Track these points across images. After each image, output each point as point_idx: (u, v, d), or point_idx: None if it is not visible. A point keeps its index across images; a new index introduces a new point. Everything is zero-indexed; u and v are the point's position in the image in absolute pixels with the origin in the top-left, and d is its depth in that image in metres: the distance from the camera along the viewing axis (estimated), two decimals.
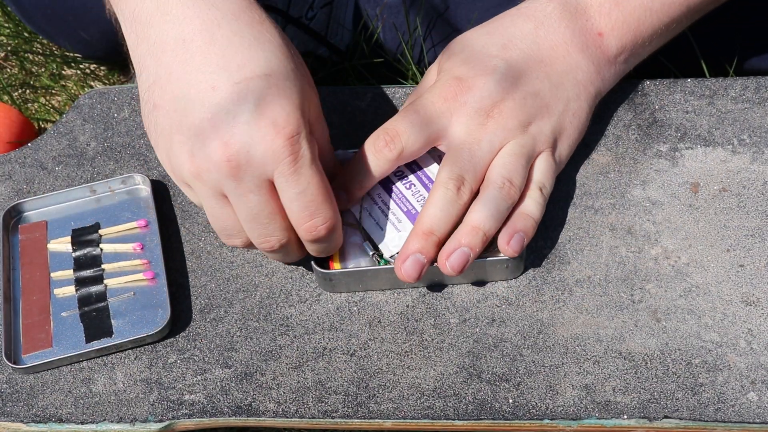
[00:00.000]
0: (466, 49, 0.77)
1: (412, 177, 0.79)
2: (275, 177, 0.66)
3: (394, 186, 0.78)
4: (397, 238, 0.76)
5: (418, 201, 0.77)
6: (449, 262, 0.72)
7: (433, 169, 0.79)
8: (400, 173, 0.79)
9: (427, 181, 0.78)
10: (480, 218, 0.72)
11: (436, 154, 0.81)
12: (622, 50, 0.79)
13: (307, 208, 0.67)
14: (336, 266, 0.76)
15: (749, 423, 0.69)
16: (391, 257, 0.76)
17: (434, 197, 0.73)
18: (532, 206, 0.75)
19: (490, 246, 0.76)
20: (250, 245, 0.72)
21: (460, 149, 0.74)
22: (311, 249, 0.72)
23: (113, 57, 1.13)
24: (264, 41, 0.66)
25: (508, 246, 0.73)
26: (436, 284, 0.77)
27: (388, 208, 0.78)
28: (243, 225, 0.69)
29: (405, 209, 0.77)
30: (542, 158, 0.76)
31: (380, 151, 0.74)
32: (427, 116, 0.74)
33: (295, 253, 0.73)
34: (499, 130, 0.74)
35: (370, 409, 0.72)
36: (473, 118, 0.74)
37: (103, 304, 0.78)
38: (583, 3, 0.78)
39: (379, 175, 0.75)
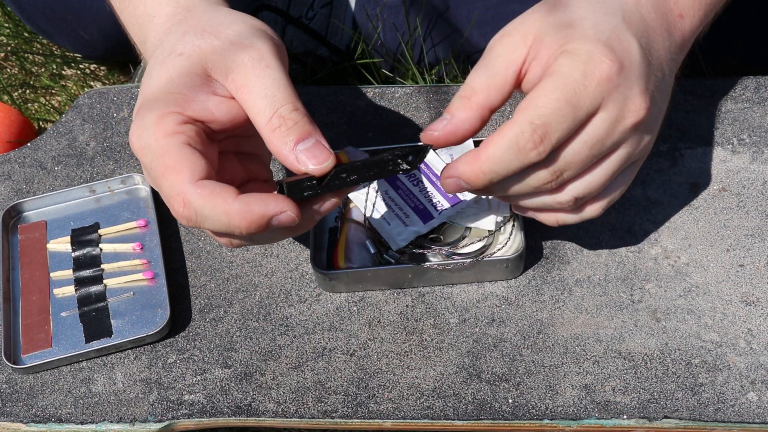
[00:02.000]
0: (585, 22, 0.65)
1: (419, 174, 0.79)
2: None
3: (400, 182, 0.79)
4: (405, 232, 0.76)
5: (425, 197, 0.77)
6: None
7: (438, 166, 0.79)
8: None
9: (433, 178, 0.79)
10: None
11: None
12: (695, 32, 0.71)
13: (159, 191, 0.62)
14: (341, 264, 0.76)
15: (749, 423, 0.69)
16: (397, 251, 0.76)
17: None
18: (573, 219, 0.70)
19: (488, 247, 0.76)
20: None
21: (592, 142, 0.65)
22: (213, 228, 0.63)
23: (113, 56, 1.13)
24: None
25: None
26: (436, 284, 0.77)
27: (396, 204, 0.78)
28: None
29: (412, 205, 0.78)
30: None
31: (524, 151, 0.62)
32: (579, 105, 0.62)
33: (237, 240, 0.66)
34: (633, 138, 0.66)
35: (370, 409, 0.72)
36: (618, 109, 0.64)
37: (102, 304, 0.78)
38: None
39: (512, 173, 0.65)
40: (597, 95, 0.62)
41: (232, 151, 0.67)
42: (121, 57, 1.12)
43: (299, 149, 0.60)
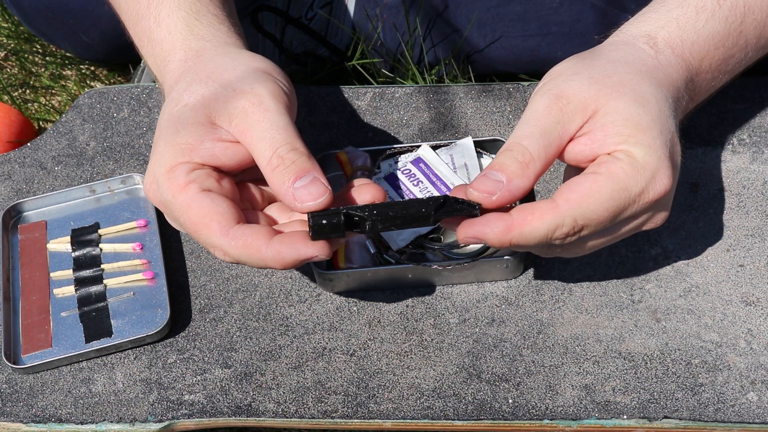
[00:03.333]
0: (654, 125, 0.64)
1: (420, 175, 0.79)
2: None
3: (401, 183, 0.79)
4: (405, 232, 0.76)
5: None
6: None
7: (441, 168, 0.79)
8: (407, 171, 0.79)
9: (434, 179, 0.79)
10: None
11: (442, 156, 0.81)
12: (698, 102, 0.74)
13: (195, 239, 0.65)
14: (341, 264, 0.76)
15: (749, 423, 0.69)
16: (397, 251, 0.76)
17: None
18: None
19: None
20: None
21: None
22: (254, 266, 0.66)
23: (114, 59, 1.14)
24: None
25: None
26: (436, 284, 0.77)
27: None
28: None
29: None
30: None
31: (555, 237, 0.63)
32: (623, 215, 0.64)
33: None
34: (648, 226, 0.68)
35: (370, 409, 0.72)
36: (648, 217, 0.66)
37: (102, 304, 0.78)
38: (699, 66, 0.70)
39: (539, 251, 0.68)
40: (641, 210, 0.64)
41: (249, 180, 0.69)
42: (121, 60, 1.13)
43: (296, 186, 0.62)
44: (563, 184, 0.64)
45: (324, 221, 0.61)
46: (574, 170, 0.67)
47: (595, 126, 0.64)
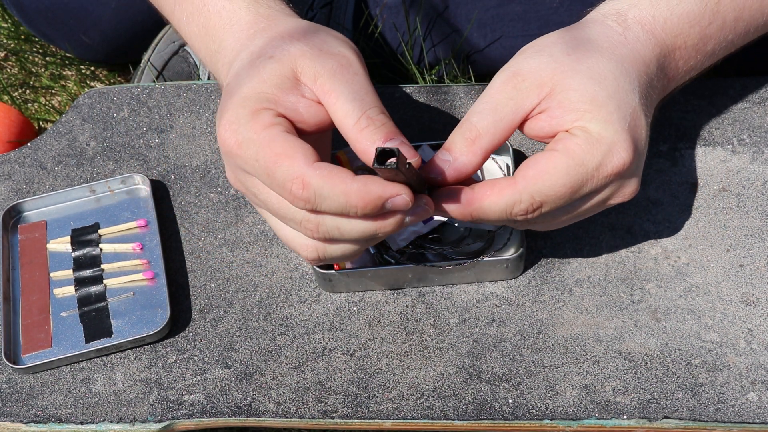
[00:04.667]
0: (611, 101, 0.64)
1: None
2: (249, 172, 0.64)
3: None
4: (405, 232, 0.76)
5: None
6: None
7: None
8: None
9: None
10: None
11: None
12: (678, 82, 0.73)
13: (272, 180, 0.61)
14: (341, 265, 0.76)
15: (749, 423, 0.69)
16: (397, 251, 0.76)
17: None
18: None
19: (489, 247, 0.76)
20: (320, 257, 0.66)
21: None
22: (339, 214, 0.62)
23: (114, 60, 1.14)
24: None
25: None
26: (436, 284, 0.77)
27: None
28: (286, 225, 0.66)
29: None
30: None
31: (514, 214, 0.64)
32: (581, 191, 0.64)
33: (348, 228, 0.62)
34: (614, 200, 0.68)
35: (370, 409, 0.72)
36: (612, 191, 0.66)
37: (102, 304, 0.78)
38: (674, 43, 0.70)
39: (495, 226, 0.71)
40: (602, 185, 0.64)
41: None
42: (121, 60, 1.13)
43: (387, 146, 0.61)
44: (524, 161, 0.65)
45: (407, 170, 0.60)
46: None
47: (553, 103, 0.64)
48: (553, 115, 0.64)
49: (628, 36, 0.68)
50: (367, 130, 0.62)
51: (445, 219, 0.77)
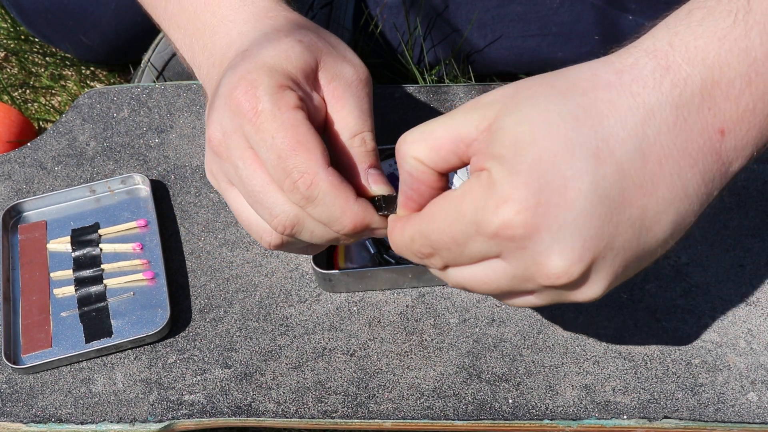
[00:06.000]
0: (535, 147, 0.49)
1: None
2: (248, 140, 0.60)
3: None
4: None
5: None
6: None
7: None
8: None
9: None
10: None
11: None
12: (741, 152, 0.52)
13: (279, 164, 0.58)
14: (341, 264, 0.76)
15: (749, 423, 0.69)
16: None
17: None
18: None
19: None
20: (281, 244, 0.62)
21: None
22: (322, 220, 0.59)
23: (114, 61, 1.14)
24: None
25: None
26: (436, 284, 0.77)
27: None
28: (252, 209, 0.62)
29: None
30: None
31: (422, 259, 0.56)
32: (465, 251, 0.53)
33: (320, 230, 0.60)
34: (557, 293, 0.53)
35: (370, 409, 0.72)
36: (524, 269, 0.51)
37: (102, 304, 0.78)
38: (711, 78, 0.50)
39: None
40: (489, 249, 0.51)
41: None
42: (121, 61, 1.13)
43: (370, 172, 0.62)
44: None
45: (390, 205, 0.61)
46: None
47: (481, 142, 0.52)
48: (477, 154, 0.52)
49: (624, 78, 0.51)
50: (359, 150, 0.62)
51: None
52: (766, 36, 0.50)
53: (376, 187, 0.61)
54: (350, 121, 0.62)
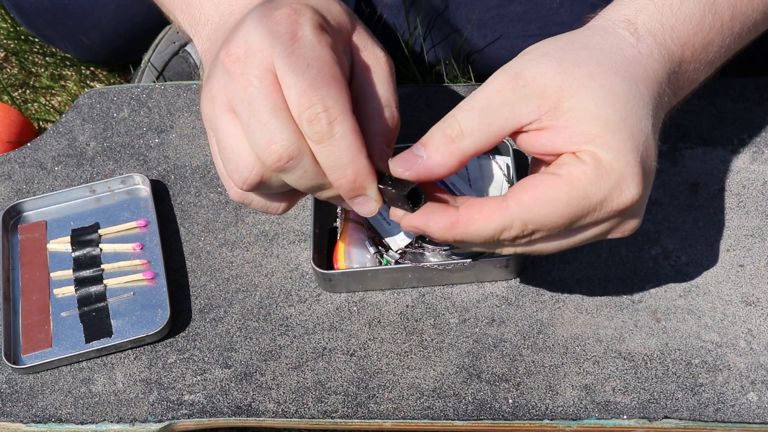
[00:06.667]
0: (624, 126, 0.58)
1: None
2: (275, 62, 0.57)
3: None
4: (405, 232, 0.76)
5: None
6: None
7: None
8: None
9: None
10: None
11: None
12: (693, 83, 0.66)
13: (308, 92, 0.56)
14: (341, 264, 0.76)
15: (749, 423, 0.69)
16: (397, 251, 0.76)
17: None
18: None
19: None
20: (258, 184, 0.60)
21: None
22: (326, 162, 0.58)
23: (114, 61, 1.14)
24: None
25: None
26: (436, 284, 0.77)
27: None
28: (246, 132, 0.58)
29: None
30: None
31: (503, 239, 0.59)
32: (578, 223, 0.58)
33: (311, 173, 0.59)
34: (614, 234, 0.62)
35: (370, 409, 0.72)
36: (611, 227, 0.61)
37: (102, 304, 0.78)
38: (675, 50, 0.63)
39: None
40: (602, 219, 0.59)
41: None
42: (121, 61, 1.13)
43: (385, 150, 0.61)
44: (518, 181, 0.59)
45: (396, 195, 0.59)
46: (538, 163, 0.62)
47: (559, 121, 0.57)
48: (559, 134, 0.57)
49: (642, 50, 0.60)
50: (380, 121, 0.60)
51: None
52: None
53: (392, 164, 0.59)
54: (381, 90, 0.61)
